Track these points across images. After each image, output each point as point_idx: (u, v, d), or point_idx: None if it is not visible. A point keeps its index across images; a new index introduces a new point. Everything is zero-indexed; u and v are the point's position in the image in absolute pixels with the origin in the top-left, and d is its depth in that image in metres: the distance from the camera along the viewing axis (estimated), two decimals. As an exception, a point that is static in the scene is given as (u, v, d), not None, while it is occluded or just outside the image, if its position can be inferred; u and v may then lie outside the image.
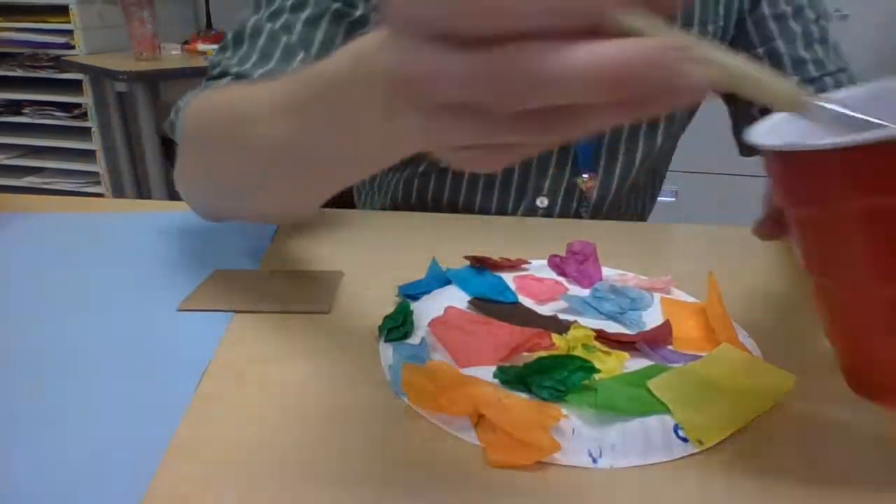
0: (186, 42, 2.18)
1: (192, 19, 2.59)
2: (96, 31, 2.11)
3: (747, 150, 0.72)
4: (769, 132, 0.32)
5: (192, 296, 0.48)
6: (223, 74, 0.57)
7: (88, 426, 0.34)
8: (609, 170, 0.72)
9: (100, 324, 0.44)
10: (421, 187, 0.74)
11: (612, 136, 0.70)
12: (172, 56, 2.08)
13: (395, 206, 0.77)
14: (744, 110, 0.73)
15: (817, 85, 0.68)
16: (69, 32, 2.06)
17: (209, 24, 2.43)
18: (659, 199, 0.84)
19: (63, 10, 2.03)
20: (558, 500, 0.30)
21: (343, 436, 0.34)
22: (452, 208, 0.74)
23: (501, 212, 0.73)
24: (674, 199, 2.08)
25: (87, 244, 0.58)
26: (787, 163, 0.29)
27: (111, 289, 0.50)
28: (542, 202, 0.72)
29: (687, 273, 0.52)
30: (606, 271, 0.53)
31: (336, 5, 0.60)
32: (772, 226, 0.35)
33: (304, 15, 0.59)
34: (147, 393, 0.37)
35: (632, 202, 0.78)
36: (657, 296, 0.49)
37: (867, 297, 0.29)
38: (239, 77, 0.56)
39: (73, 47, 2.07)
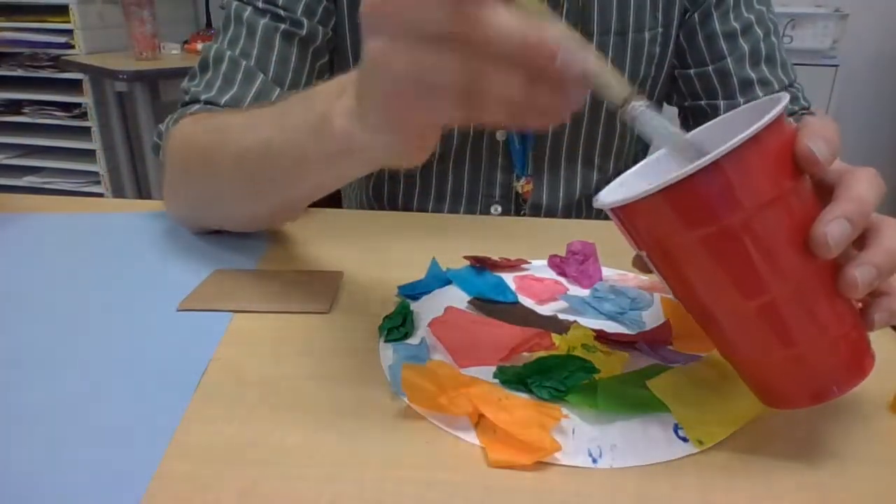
0: (186, 42, 2.18)
1: (192, 19, 2.59)
2: (96, 30, 2.11)
3: None
4: (614, 191, 0.36)
5: (192, 296, 0.48)
6: (194, 101, 0.63)
7: (89, 426, 0.34)
8: (552, 180, 0.74)
9: (100, 324, 0.44)
10: (377, 193, 0.78)
11: (553, 146, 0.73)
12: (172, 56, 2.08)
13: None
14: (691, 121, 0.75)
15: None
16: (69, 32, 2.05)
17: (209, 24, 2.43)
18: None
19: (63, 10, 2.03)
20: (558, 500, 0.30)
21: (343, 436, 0.34)
22: (407, 211, 0.76)
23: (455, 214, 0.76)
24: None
25: (87, 244, 0.58)
26: (621, 216, 0.32)
27: (111, 289, 0.50)
28: (495, 209, 0.75)
29: (687, 273, 0.52)
30: (606, 271, 0.53)
31: (283, 26, 0.64)
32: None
33: (257, 40, 0.64)
34: (147, 393, 0.37)
35: (593, 211, 0.80)
36: (657, 296, 0.49)
37: (732, 316, 0.31)
38: (208, 103, 0.62)
39: (72, 47, 2.07)
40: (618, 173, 0.38)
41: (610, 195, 0.35)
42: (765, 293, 0.30)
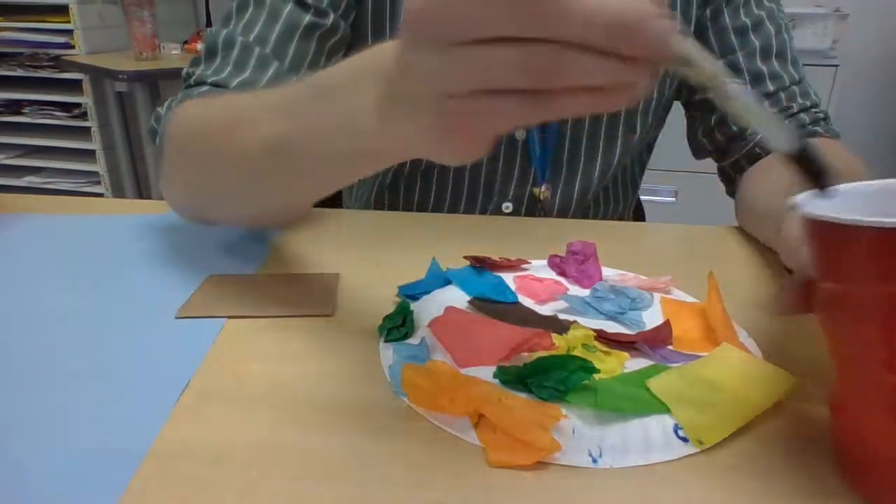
0: (186, 42, 2.18)
1: (192, 19, 2.58)
2: (96, 30, 2.11)
3: (702, 153, 0.77)
4: (811, 200, 0.31)
5: (189, 303, 0.47)
6: (200, 83, 0.58)
7: (87, 426, 0.34)
8: (568, 181, 0.74)
9: (99, 324, 0.44)
10: (392, 192, 0.77)
11: (571, 148, 0.73)
12: (172, 56, 2.08)
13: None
14: (700, 116, 0.75)
15: (773, 99, 0.69)
16: (69, 32, 2.06)
17: (209, 24, 2.43)
18: (659, 199, 0.84)
19: (63, 10, 2.03)
20: (558, 500, 0.30)
21: (343, 436, 0.34)
22: (422, 209, 0.77)
23: (469, 213, 0.76)
24: (674, 199, 2.08)
25: (86, 245, 0.58)
26: (837, 235, 0.28)
27: (110, 289, 0.50)
28: (507, 207, 0.76)
29: (687, 273, 0.52)
30: (606, 271, 0.53)
31: (307, 17, 0.62)
32: (795, 301, 0.33)
33: (278, 27, 0.61)
34: (147, 393, 0.37)
35: (601, 210, 0.80)
36: (657, 296, 0.49)
37: (874, 380, 0.29)
38: (216, 85, 0.57)
39: (72, 47, 2.07)
40: (626, 167, 0.36)
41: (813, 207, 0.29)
42: None
